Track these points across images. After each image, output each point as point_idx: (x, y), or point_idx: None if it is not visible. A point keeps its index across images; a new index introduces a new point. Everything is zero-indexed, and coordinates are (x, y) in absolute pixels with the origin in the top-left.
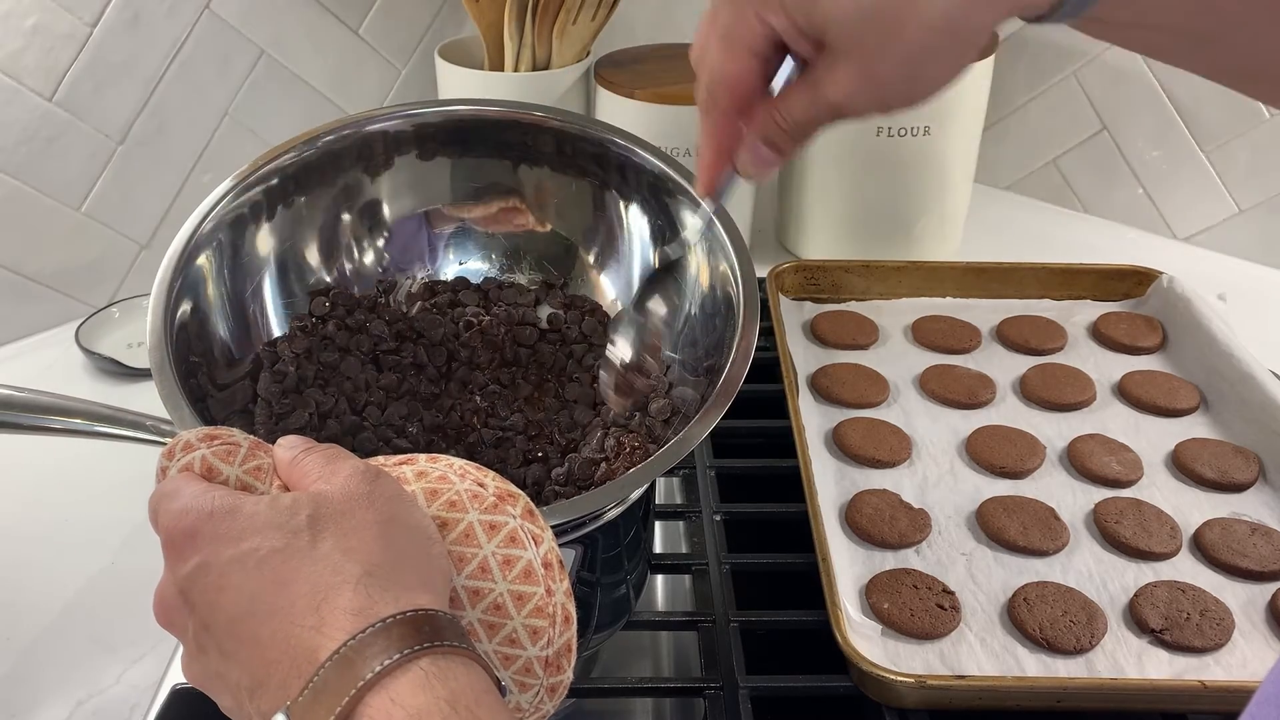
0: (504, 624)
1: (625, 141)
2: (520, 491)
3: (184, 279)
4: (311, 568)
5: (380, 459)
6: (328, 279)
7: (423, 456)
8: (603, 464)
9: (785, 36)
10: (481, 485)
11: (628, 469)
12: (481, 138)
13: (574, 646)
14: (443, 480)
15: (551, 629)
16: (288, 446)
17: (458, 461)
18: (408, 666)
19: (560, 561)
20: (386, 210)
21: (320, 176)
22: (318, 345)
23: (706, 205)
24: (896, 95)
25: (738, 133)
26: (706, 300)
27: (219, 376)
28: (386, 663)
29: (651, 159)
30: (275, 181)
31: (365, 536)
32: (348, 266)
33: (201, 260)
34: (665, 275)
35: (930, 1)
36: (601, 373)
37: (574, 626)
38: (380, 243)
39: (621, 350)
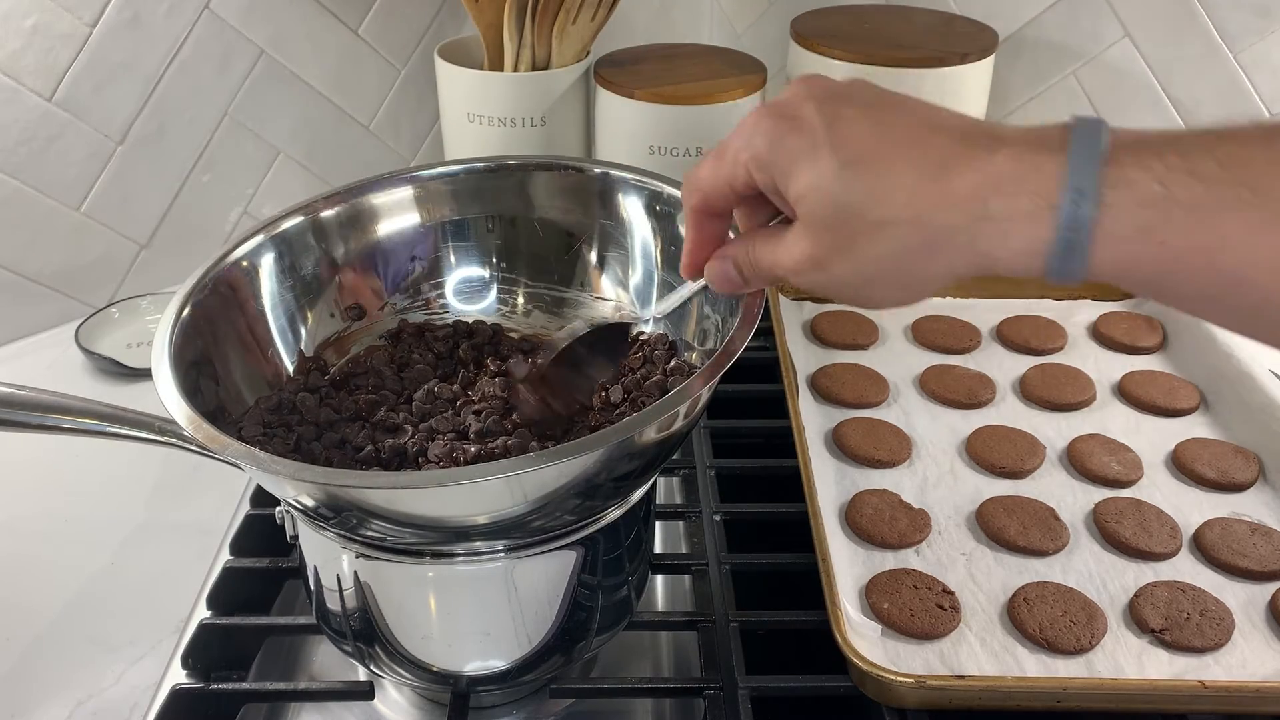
0: None
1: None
2: None
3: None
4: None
5: None
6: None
7: None
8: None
9: (766, 192)
10: None
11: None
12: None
13: None
14: None
15: None
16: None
17: None
18: None
19: None
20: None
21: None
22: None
23: (691, 284)
24: (843, 297)
25: (716, 235)
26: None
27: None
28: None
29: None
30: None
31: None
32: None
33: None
34: (611, 334)
35: (883, 239)
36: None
37: None
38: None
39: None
